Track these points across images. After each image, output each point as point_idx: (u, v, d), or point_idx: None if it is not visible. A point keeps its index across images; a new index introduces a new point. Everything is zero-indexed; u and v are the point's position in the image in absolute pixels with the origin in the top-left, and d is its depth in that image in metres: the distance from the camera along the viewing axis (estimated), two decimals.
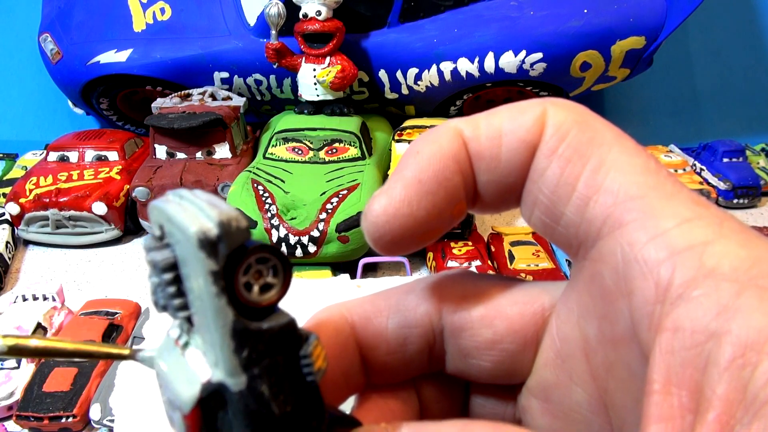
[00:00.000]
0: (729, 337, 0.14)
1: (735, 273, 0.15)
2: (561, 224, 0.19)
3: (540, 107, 0.19)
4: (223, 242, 0.16)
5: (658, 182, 0.17)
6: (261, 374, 0.17)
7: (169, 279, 0.17)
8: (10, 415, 0.76)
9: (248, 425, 0.17)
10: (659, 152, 1.43)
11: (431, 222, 0.20)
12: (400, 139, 1.21)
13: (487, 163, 0.20)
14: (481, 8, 1.27)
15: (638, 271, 0.16)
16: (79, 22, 1.37)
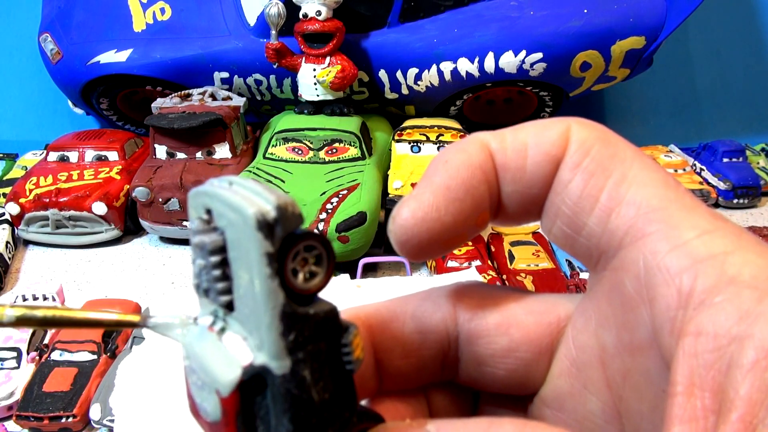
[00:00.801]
0: (751, 340, 0.15)
1: (755, 281, 0.15)
2: (583, 235, 0.20)
3: (564, 124, 0.21)
4: (279, 225, 0.16)
5: (678, 196, 0.18)
6: (305, 359, 0.17)
7: (216, 262, 0.17)
8: (10, 415, 0.76)
9: (287, 410, 0.17)
10: (659, 152, 1.43)
11: (457, 228, 0.21)
12: (400, 139, 1.21)
13: (512, 174, 0.21)
14: (481, 8, 1.27)
15: (661, 278, 0.17)
16: (79, 22, 1.37)
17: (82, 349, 0.82)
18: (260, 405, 0.18)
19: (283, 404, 0.17)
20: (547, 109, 1.43)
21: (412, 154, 1.20)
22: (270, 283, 0.16)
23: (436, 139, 1.21)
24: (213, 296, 0.18)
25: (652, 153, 1.43)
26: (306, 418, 0.17)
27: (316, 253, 0.18)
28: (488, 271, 0.97)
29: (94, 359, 0.81)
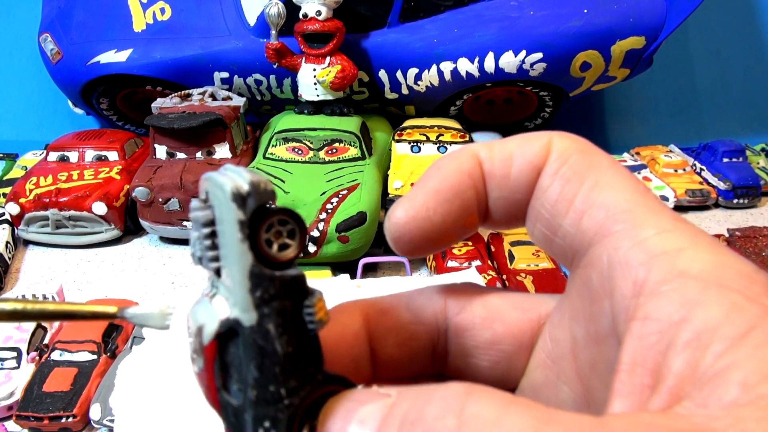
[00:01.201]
0: (688, 324, 0.16)
1: (702, 274, 0.17)
2: (558, 236, 0.22)
3: (547, 137, 0.23)
4: (251, 197, 0.19)
5: (645, 201, 0.20)
6: (270, 314, 0.20)
7: (207, 233, 0.20)
8: (10, 415, 0.76)
9: (254, 358, 0.19)
10: (659, 152, 1.43)
11: (446, 228, 0.23)
12: (400, 139, 1.21)
13: (498, 180, 0.23)
14: (481, 8, 1.27)
15: (619, 271, 0.19)
16: (79, 22, 1.37)
17: (82, 349, 0.82)
18: (234, 354, 0.20)
19: (251, 353, 0.19)
20: (547, 109, 1.43)
21: (412, 154, 1.20)
22: (241, 245, 0.19)
23: (436, 139, 1.21)
24: (205, 263, 0.21)
25: (652, 153, 1.43)
26: (270, 367, 0.20)
27: (289, 228, 0.20)
28: (488, 271, 0.97)
29: (94, 359, 0.81)
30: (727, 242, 1.12)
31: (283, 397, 0.20)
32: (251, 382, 0.20)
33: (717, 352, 0.16)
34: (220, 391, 0.20)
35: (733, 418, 0.15)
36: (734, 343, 0.16)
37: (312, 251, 0.98)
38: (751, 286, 0.17)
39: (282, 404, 0.20)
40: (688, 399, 0.16)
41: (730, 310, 0.16)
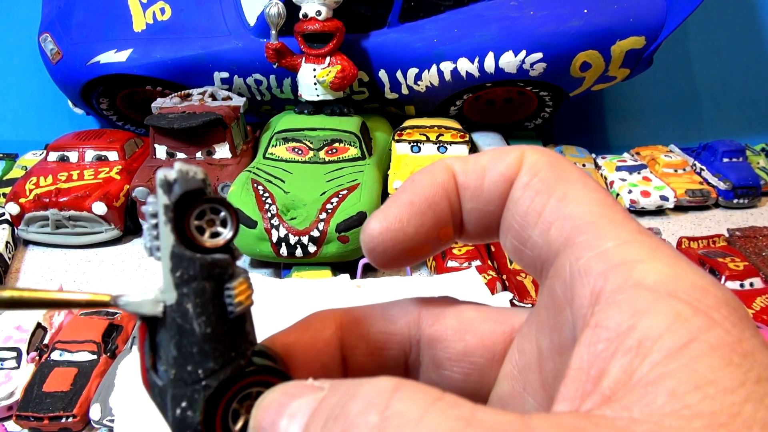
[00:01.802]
0: (633, 332, 0.17)
1: (656, 285, 0.17)
2: (528, 246, 0.22)
3: (519, 150, 0.23)
4: (177, 184, 0.20)
5: (610, 213, 0.20)
6: (189, 293, 0.20)
7: (153, 224, 0.21)
8: (10, 415, 0.76)
9: (173, 337, 0.20)
10: (659, 152, 1.43)
11: (420, 239, 0.23)
12: (400, 139, 1.21)
13: (471, 192, 0.23)
14: (481, 8, 1.27)
15: (579, 281, 0.19)
16: (79, 22, 1.37)
17: (82, 349, 0.82)
18: (163, 335, 0.21)
19: (171, 332, 0.20)
20: (547, 109, 1.43)
21: (412, 154, 1.20)
22: (164, 228, 0.20)
23: (436, 139, 1.21)
24: (154, 253, 0.21)
25: (652, 153, 1.43)
26: (188, 347, 0.20)
27: (222, 216, 0.21)
28: (488, 271, 0.97)
29: (94, 359, 0.81)
30: (727, 242, 1.12)
31: (200, 378, 0.20)
32: (171, 362, 0.20)
33: (654, 361, 0.16)
34: (149, 371, 0.21)
35: (654, 423, 0.15)
36: (671, 354, 0.16)
37: (312, 251, 0.98)
38: (702, 298, 0.17)
39: (199, 385, 0.20)
40: (617, 403, 0.16)
41: (674, 320, 0.16)
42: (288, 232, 0.98)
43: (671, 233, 1.22)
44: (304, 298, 0.88)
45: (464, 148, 1.21)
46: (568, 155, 1.41)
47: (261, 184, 1.06)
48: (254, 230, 0.99)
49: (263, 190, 1.05)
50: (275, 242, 0.98)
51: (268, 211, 1.00)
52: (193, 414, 0.20)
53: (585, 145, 1.48)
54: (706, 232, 1.20)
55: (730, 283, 0.98)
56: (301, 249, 0.98)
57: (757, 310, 0.93)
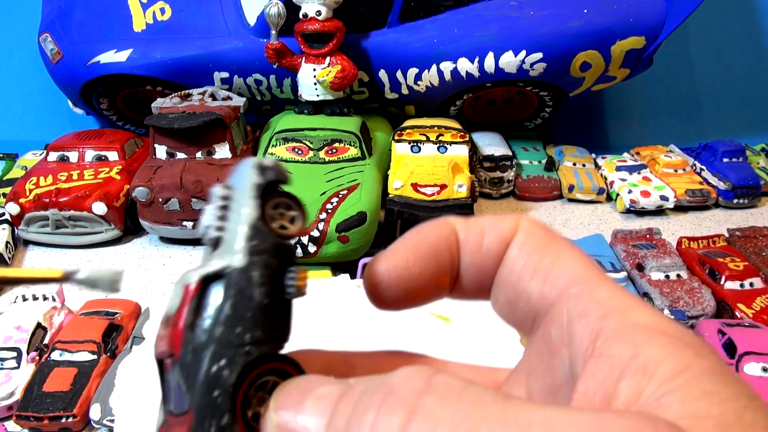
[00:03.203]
0: (637, 359, 0.19)
1: (650, 325, 0.21)
2: (523, 299, 0.25)
3: (516, 218, 0.26)
4: (270, 170, 0.23)
5: (596, 273, 0.24)
6: (257, 263, 0.22)
7: (221, 205, 0.23)
8: (10, 415, 0.76)
9: (231, 296, 0.21)
10: (659, 152, 1.43)
11: (421, 282, 0.26)
12: (400, 139, 1.21)
13: (471, 246, 0.26)
14: (481, 8, 1.27)
15: (578, 323, 0.22)
16: (79, 22, 1.37)
17: (82, 349, 0.82)
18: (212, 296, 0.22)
19: (230, 291, 0.22)
20: (547, 109, 1.43)
21: (412, 154, 1.20)
22: (252, 201, 0.23)
23: (436, 139, 1.21)
24: (210, 231, 0.23)
25: (652, 153, 1.43)
26: (243, 310, 0.21)
27: (292, 214, 0.23)
28: None
29: (94, 359, 0.81)
30: (727, 242, 1.12)
31: (245, 343, 0.21)
32: (222, 320, 0.21)
33: (660, 380, 0.19)
34: (187, 328, 0.22)
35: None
36: (675, 374, 0.19)
37: (312, 251, 0.98)
38: (687, 338, 0.20)
39: (243, 349, 0.21)
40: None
41: (672, 350, 0.19)
42: None
43: (671, 233, 1.22)
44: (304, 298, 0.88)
45: (464, 148, 1.21)
46: (568, 155, 1.41)
47: None
48: None
49: None
50: None
51: None
52: (228, 374, 0.21)
53: (585, 145, 1.48)
54: (706, 232, 1.20)
55: (730, 283, 0.98)
56: (301, 249, 0.98)
57: (757, 310, 0.93)
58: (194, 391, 0.21)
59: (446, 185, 1.11)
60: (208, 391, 0.21)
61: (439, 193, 1.10)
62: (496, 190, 1.35)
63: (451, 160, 1.16)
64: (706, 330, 0.88)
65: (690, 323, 0.93)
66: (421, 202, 1.08)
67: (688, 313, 0.93)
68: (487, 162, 1.34)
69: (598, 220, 1.28)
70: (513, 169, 1.35)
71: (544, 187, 1.35)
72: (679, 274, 1.01)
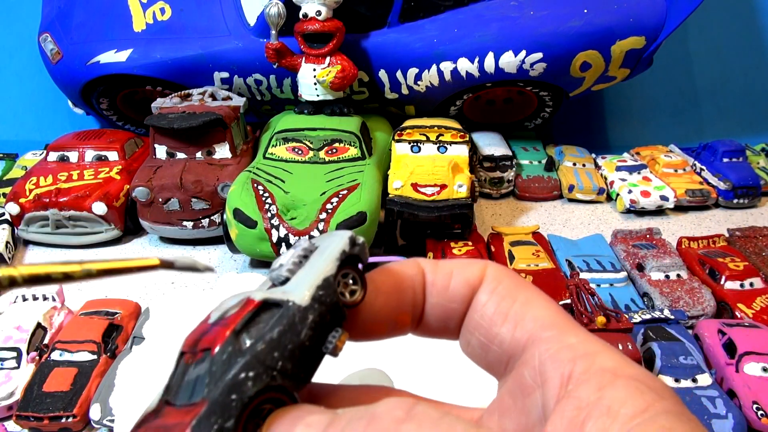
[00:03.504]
0: (602, 401, 0.21)
1: (615, 369, 0.23)
2: (495, 343, 0.26)
3: (483, 263, 0.28)
4: (358, 246, 0.27)
5: (565, 318, 0.26)
6: (316, 309, 0.25)
7: (301, 255, 0.27)
8: (10, 415, 0.76)
9: (282, 326, 0.24)
10: (659, 152, 1.43)
11: (379, 318, 0.28)
12: (400, 139, 1.21)
13: (438, 289, 0.28)
14: (481, 8, 1.27)
15: (550, 367, 0.24)
16: (79, 22, 1.37)
17: (82, 349, 0.82)
18: (264, 319, 0.24)
19: (282, 322, 0.24)
20: (547, 109, 1.43)
21: (412, 154, 1.20)
22: (334, 260, 0.26)
23: (436, 139, 1.21)
24: (282, 272, 0.26)
25: (652, 153, 1.43)
26: (286, 341, 0.24)
27: (354, 288, 0.26)
28: None
29: (94, 359, 0.81)
30: (727, 242, 1.12)
31: (276, 368, 0.23)
32: (266, 339, 0.23)
33: (623, 421, 0.21)
34: (233, 333, 0.24)
35: None
36: (636, 414, 0.21)
37: None
38: (650, 382, 0.22)
39: (271, 372, 0.23)
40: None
41: (634, 392, 0.22)
42: (288, 232, 0.98)
43: (671, 233, 1.22)
44: None
45: (464, 148, 1.21)
46: (568, 155, 1.41)
47: (261, 184, 1.06)
48: (254, 230, 0.99)
49: (263, 190, 1.05)
50: (275, 242, 0.98)
51: (269, 211, 1.00)
52: (251, 386, 0.23)
53: (585, 145, 1.48)
54: (706, 232, 1.20)
55: (730, 283, 0.98)
56: None
57: (757, 310, 0.93)
58: (215, 387, 0.22)
59: (446, 185, 1.11)
60: (228, 393, 0.22)
61: (439, 193, 1.10)
62: (496, 190, 1.35)
63: (451, 160, 1.15)
64: (706, 330, 0.88)
65: (690, 323, 0.93)
66: (421, 202, 1.08)
67: (688, 313, 0.93)
68: (487, 162, 1.34)
69: (598, 220, 1.28)
70: (513, 169, 1.35)
71: (544, 187, 1.35)
72: (679, 274, 1.01)
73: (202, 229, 1.13)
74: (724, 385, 0.81)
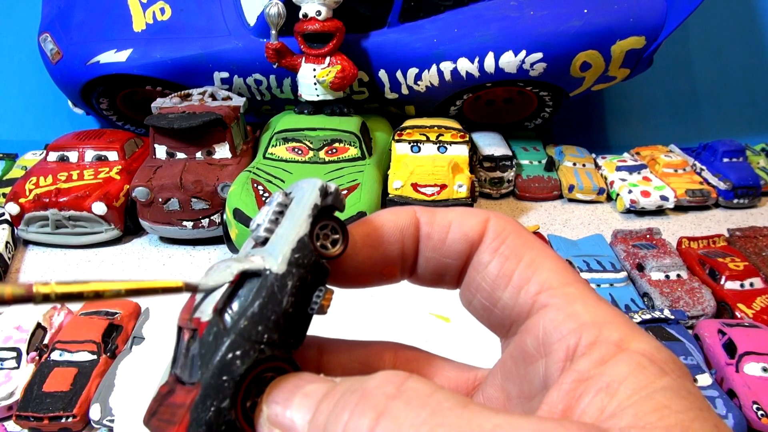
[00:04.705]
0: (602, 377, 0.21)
1: (621, 341, 0.22)
2: (498, 307, 0.26)
3: (485, 215, 0.27)
4: (331, 196, 0.26)
5: (573, 280, 0.25)
6: (294, 274, 0.24)
7: (277, 211, 0.26)
8: (10, 415, 0.76)
9: (261, 297, 0.23)
10: (659, 152, 1.43)
11: (365, 268, 0.27)
12: (400, 139, 1.21)
13: (434, 243, 0.27)
14: (481, 8, 1.27)
15: (555, 338, 0.23)
16: (79, 22, 1.37)
17: (81, 349, 0.82)
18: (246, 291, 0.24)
19: (261, 293, 0.23)
20: (547, 109, 1.43)
21: (412, 154, 1.20)
22: (306, 219, 0.25)
23: (436, 139, 1.21)
24: (260, 231, 0.26)
25: (652, 153, 1.43)
26: (269, 312, 0.23)
27: (335, 237, 0.26)
28: None
29: (94, 359, 0.81)
30: (727, 242, 1.12)
31: (262, 341, 0.23)
32: (247, 315, 0.23)
33: (621, 398, 0.20)
34: (217, 311, 0.24)
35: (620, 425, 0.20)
36: (634, 391, 0.20)
37: None
38: (656, 354, 0.22)
39: (258, 345, 0.23)
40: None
41: (635, 368, 0.21)
42: None
43: (671, 233, 1.22)
44: None
45: (464, 148, 1.21)
46: (568, 155, 1.41)
47: (261, 184, 1.06)
48: None
49: (263, 190, 1.05)
50: None
51: None
52: (240, 365, 0.23)
53: (585, 145, 1.48)
54: (706, 232, 1.20)
55: (730, 283, 0.98)
56: None
57: (757, 310, 0.93)
58: (207, 370, 0.22)
59: (446, 185, 1.11)
60: (218, 375, 0.22)
61: (439, 193, 1.10)
62: (496, 190, 1.35)
63: (451, 160, 1.15)
64: (706, 330, 0.88)
65: (690, 323, 0.93)
66: (421, 202, 1.08)
67: (688, 313, 0.93)
68: (487, 162, 1.34)
69: (598, 220, 1.28)
70: (513, 169, 1.35)
71: (544, 187, 1.35)
72: (679, 274, 1.01)
73: (202, 229, 1.13)
74: (724, 385, 0.81)
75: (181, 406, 0.22)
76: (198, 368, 0.23)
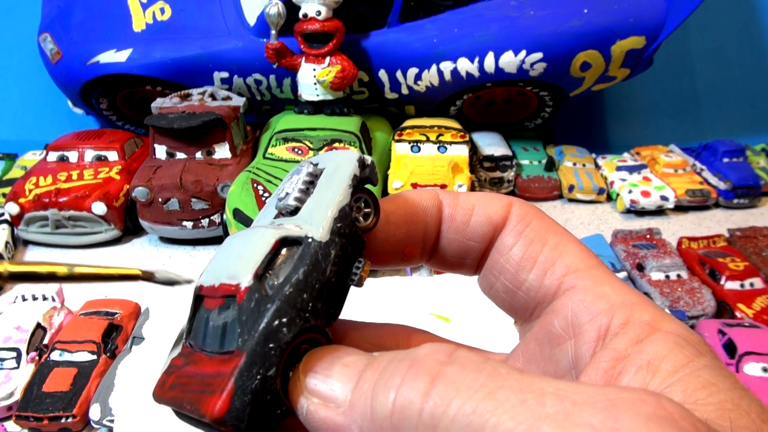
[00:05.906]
0: (641, 354, 0.21)
1: (653, 322, 0.22)
2: (522, 289, 0.26)
3: (508, 200, 0.27)
4: (368, 168, 0.26)
5: (597, 263, 0.25)
6: (337, 243, 0.24)
7: (307, 181, 0.26)
8: (9, 416, 0.76)
9: (306, 266, 0.23)
10: (659, 152, 1.43)
11: (386, 248, 0.27)
12: (400, 139, 1.21)
13: (457, 225, 0.27)
14: (481, 8, 1.27)
15: (585, 318, 0.23)
16: (79, 22, 1.37)
17: (81, 349, 0.82)
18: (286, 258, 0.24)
19: (305, 261, 0.23)
20: (547, 109, 1.43)
21: (412, 154, 1.20)
22: (347, 188, 0.25)
23: (436, 139, 1.21)
24: (289, 200, 0.25)
25: (652, 153, 1.43)
26: (313, 280, 0.23)
27: (367, 210, 0.26)
28: None
29: (94, 359, 0.81)
30: (727, 242, 1.12)
31: (307, 309, 0.23)
32: (292, 282, 0.23)
33: (663, 375, 0.21)
34: (257, 277, 0.23)
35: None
36: (676, 369, 0.21)
37: None
38: (689, 335, 0.22)
39: (303, 314, 0.23)
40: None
41: (674, 347, 0.21)
42: None
43: (671, 233, 1.22)
44: None
45: (464, 148, 1.21)
46: (568, 155, 1.41)
47: (261, 184, 1.06)
48: None
49: (263, 190, 1.05)
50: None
51: None
52: (287, 332, 0.22)
53: (585, 145, 1.47)
54: (706, 232, 1.20)
55: (730, 283, 0.98)
56: None
57: (758, 310, 0.93)
58: (250, 337, 0.22)
59: (446, 185, 1.11)
60: (264, 342, 0.22)
61: None
62: (496, 190, 1.35)
63: (451, 160, 1.15)
64: (706, 330, 0.88)
65: (690, 323, 0.93)
66: None
67: (688, 313, 0.93)
68: (487, 162, 1.34)
69: (598, 220, 1.28)
70: (513, 169, 1.35)
71: (544, 187, 1.35)
72: (679, 274, 1.01)
73: (202, 229, 1.13)
74: None
75: (219, 376, 0.22)
76: (237, 335, 0.22)
